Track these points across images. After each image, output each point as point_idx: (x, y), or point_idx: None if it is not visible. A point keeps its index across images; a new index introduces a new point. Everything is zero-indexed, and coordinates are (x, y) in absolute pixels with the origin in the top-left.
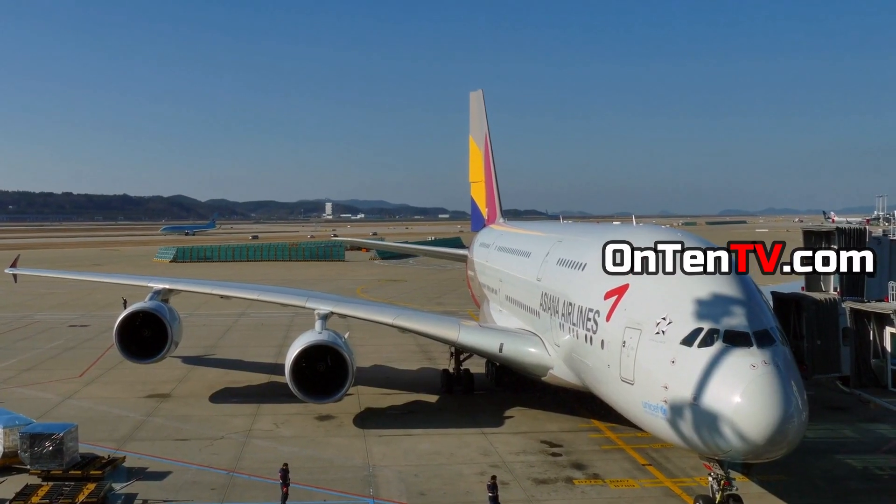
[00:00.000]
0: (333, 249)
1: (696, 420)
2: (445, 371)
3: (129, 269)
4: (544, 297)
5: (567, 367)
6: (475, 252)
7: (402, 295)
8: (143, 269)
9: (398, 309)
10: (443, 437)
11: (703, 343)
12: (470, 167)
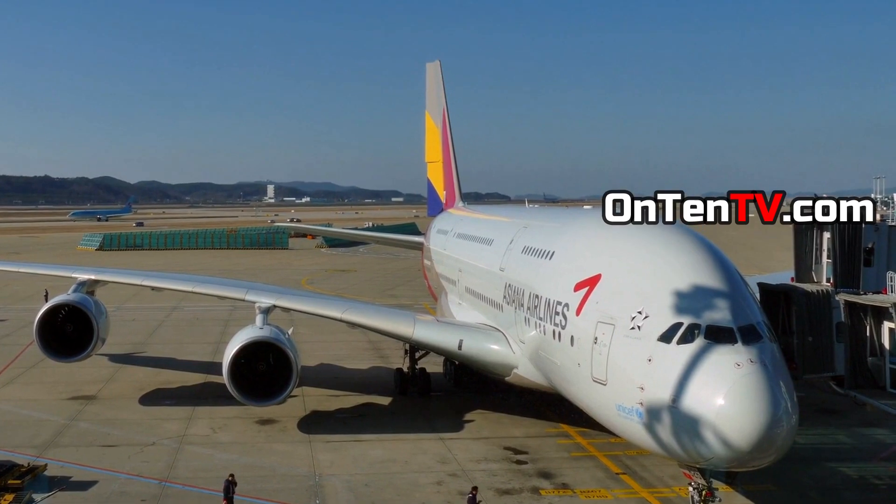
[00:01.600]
0: (276, 236)
1: (675, 424)
2: (399, 370)
3: (50, 258)
4: (508, 288)
5: (533, 366)
6: (432, 239)
7: (351, 286)
8: (66, 257)
9: (347, 302)
10: (396, 443)
11: (683, 339)
12: (426, 146)
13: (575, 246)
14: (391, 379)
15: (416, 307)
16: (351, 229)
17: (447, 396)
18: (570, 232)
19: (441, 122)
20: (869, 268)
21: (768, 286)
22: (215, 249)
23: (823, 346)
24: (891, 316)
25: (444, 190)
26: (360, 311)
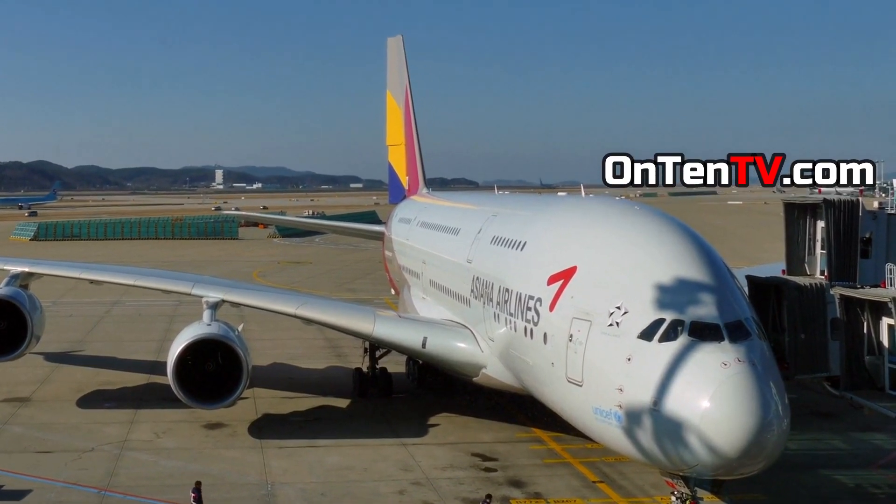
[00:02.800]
0: (225, 225)
1: (656, 428)
2: (358, 370)
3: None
4: (476, 282)
5: (503, 366)
6: (394, 228)
7: (306, 280)
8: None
9: (302, 296)
10: (355, 449)
11: (665, 337)
12: (388, 128)
13: (548, 236)
14: (349, 380)
15: (377, 302)
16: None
17: (410, 398)
18: (543, 221)
19: (403, 102)
20: (866, 259)
21: (757, 279)
22: (159, 239)
23: (817, 343)
24: (890, 311)
25: (407, 175)
26: (316, 307)
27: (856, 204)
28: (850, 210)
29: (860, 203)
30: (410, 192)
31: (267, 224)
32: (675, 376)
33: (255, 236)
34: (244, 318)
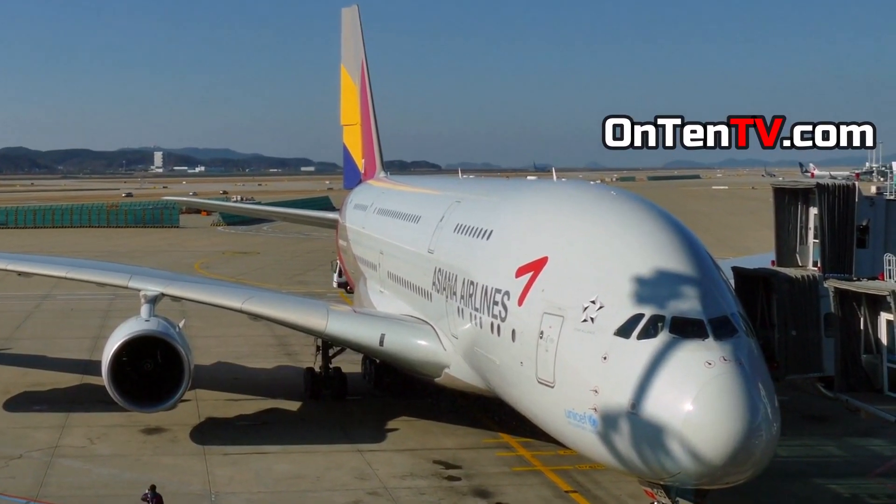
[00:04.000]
0: (164, 212)
1: (634, 433)
2: (310, 370)
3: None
4: (438, 274)
5: (468, 365)
6: (349, 215)
7: (253, 271)
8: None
9: (249, 289)
10: (307, 456)
11: (644, 334)
12: (342, 106)
13: (517, 223)
14: (300, 380)
15: (330, 296)
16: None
17: (366, 400)
18: (512, 207)
19: (359, 79)
20: (863, 249)
21: (745, 271)
22: (93, 228)
23: (810, 341)
24: (889, 306)
25: (363, 158)
26: (264, 301)
27: (852, 189)
28: (845, 196)
29: (856, 188)
30: (367, 177)
31: (210, 211)
32: (655, 377)
33: (198, 224)
34: (186, 313)
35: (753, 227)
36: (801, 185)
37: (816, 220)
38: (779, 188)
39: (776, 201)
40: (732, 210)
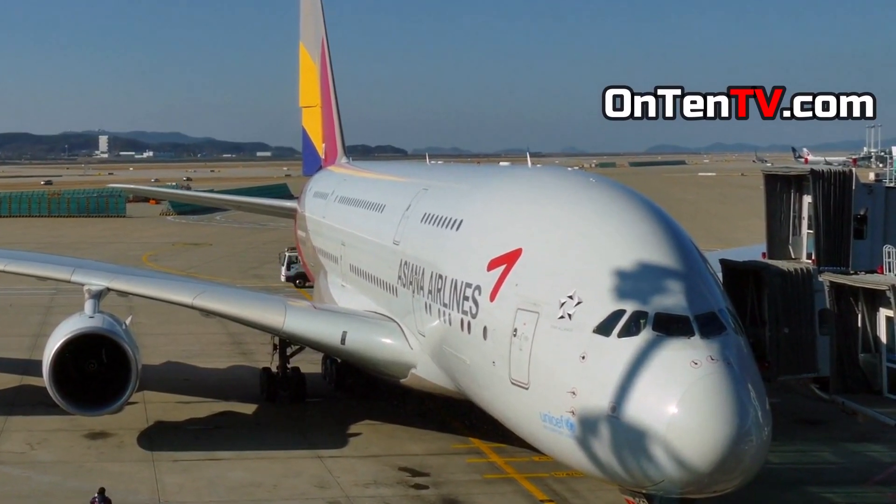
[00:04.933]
0: (110, 201)
1: (615, 438)
2: (266, 370)
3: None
4: (404, 267)
5: (436, 366)
6: (308, 204)
7: (205, 264)
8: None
9: (200, 284)
10: (262, 463)
11: (626, 331)
12: (301, 87)
13: (489, 213)
14: (256, 381)
15: (288, 291)
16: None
17: (327, 403)
18: (483, 195)
19: (319, 58)
20: (860, 240)
21: (734, 264)
22: (33, 217)
23: (803, 339)
24: (888, 301)
25: (324, 142)
26: (217, 296)
27: (848, 176)
28: (841, 183)
29: (853, 174)
30: (328, 162)
31: (159, 199)
32: (638, 377)
33: (146, 213)
34: (133, 309)
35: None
36: (795, 171)
37: (810, 209)
38: (770, 175)
39: (767, 189)
40: (720, 198)
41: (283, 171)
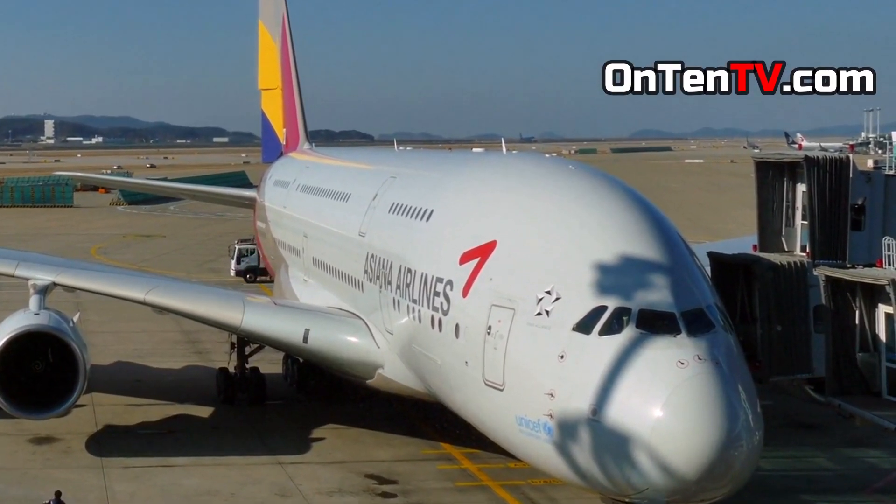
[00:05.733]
0: (57, 190)
1: (596, 443)
2: (223, 371)
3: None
4: (371, 260)
5: (405, 366)
6: (268, 193)
7: (158, 258)
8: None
9: (153, 278)
10: (219, 470)
11: (607, 329)
12: (260, 68)
13: (461, 202)
14: (212, 382)
15: (248, 286)
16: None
17: (288, 406)
18: (455, 184)
19: (280, 36)
20: (858, 232)
21: (723, 257)
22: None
23: (797, 337)
24: (888, 297)
25: (285, 127)
26: (171, 291)
27: (845, 163)
28: (838, 170)
29: (851, 161)
30: (289, 149)
31: (109, 188)
32: (620, 378)
33: (95, 203)
34: (81, 305)
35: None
36: (788, 158)
37: (805, 198)
38: (762, 161)
39: (758, 177)
40: (708, 187)
41: (241, 158)
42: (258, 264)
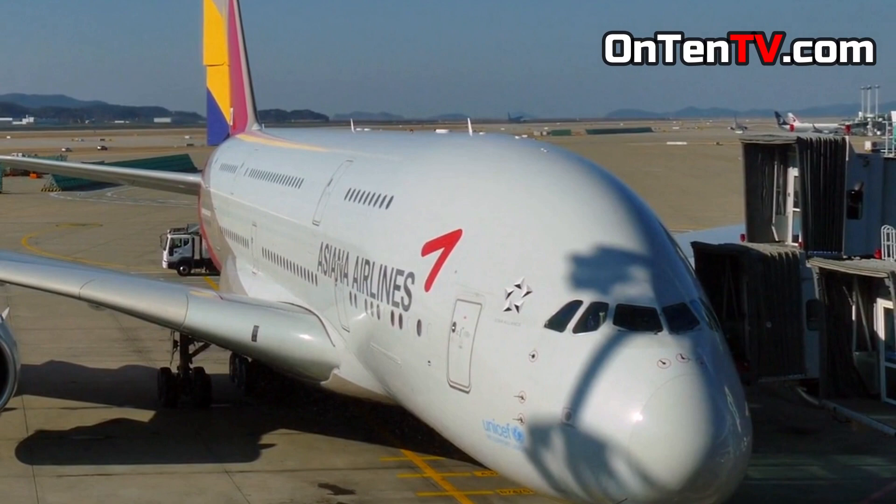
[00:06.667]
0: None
1: (570, 450)
2: (165, 371)
3: None
4: (325, 251)
5: (362, 366)
6: (214, 178)
7: (95, 248)
8: None
9: (89, 271)
10: (161, 479)
11: (583, 326)
12: (205, 43)
13: (424, 188)
14: (153, 384)
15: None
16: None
17: (235, 409)
18: (417, 168)
19: (227, 9)
20: (855, 220)
21: (708, 248)
22: None
23: (788, 335)
24: (887, 291)
25: (232, 107)
26: (109, 285)
27: (841, 145)
28: (833, 153)
29: (847, 144)
30: (237, 130)
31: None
32: (596, 379)
33: (26, 189)
34: (10, 300)
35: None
36: (778, 140)
37: (797, 183)
38: (750, 144)
39: (747, 160)
40: (692, 171)
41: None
42: (193, 255)
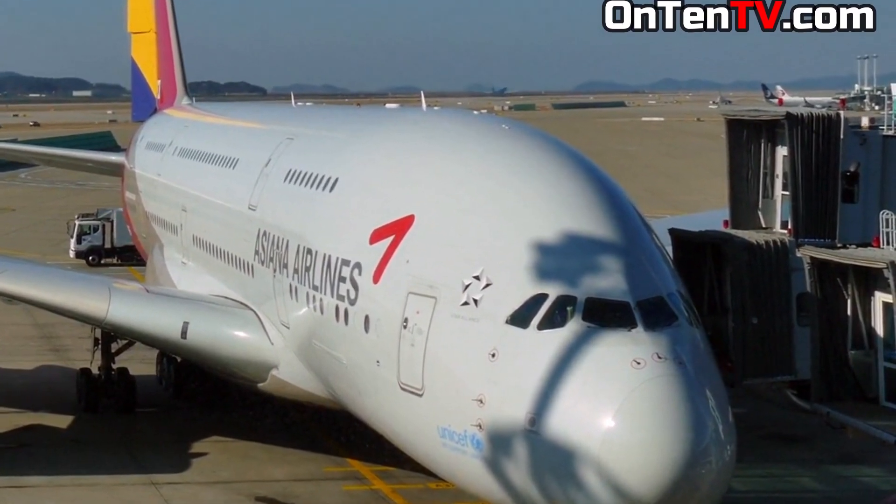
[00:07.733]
0: None
1: (533, 459)
2: (85, 372)
3: None
4: (263, 239)
5: (304, 366)
6: (139, 158)
7: (6, 236)
8: None
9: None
10: (81, 491)
11: (549, 322)
12: (129, 7)
13: (372, 170)
14: (72, 386)
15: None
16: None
17: (163, 414)
18: (365, 146)
19: None
20: (850, 205)
21: (688, 235)
22: None
23: (776, 331)
24: (886, 283)
25: (160, 79)
26: (22, 277)
27: (835, 121)
28: (826, 130)
29: (841, 119)
30: (164, 104)
31: None
32: (563, 381)
33: None
34: None
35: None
36: (766, 115)
37: (786, 164)
38: (734, 120)
39: (730, 138)
40: (670, 150)
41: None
42: (103, 244)
